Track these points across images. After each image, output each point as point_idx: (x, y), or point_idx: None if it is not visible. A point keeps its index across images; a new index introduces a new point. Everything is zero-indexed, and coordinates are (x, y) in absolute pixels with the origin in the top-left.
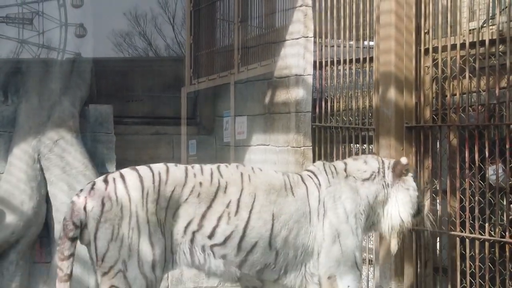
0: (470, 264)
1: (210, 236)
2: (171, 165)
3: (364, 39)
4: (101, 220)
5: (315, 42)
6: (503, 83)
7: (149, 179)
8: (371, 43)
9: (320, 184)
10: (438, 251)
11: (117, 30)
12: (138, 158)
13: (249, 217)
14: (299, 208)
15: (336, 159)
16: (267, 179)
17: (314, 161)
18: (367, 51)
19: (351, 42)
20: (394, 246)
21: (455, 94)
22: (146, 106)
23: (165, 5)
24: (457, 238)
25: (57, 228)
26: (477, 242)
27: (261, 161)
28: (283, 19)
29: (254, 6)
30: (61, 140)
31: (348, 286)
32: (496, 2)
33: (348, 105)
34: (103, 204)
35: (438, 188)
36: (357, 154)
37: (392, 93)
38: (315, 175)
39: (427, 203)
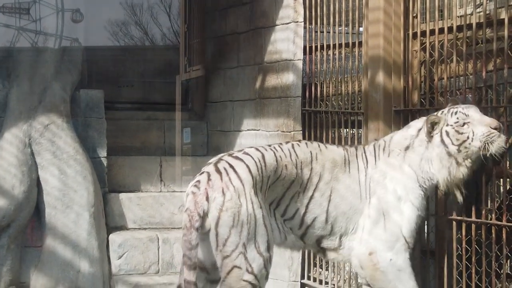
0: (457, 246)
1: (284, 213)
2: (262, 150)
3: (353, 24)
4: (223, 209)
5: (305, 27)
6: (490, 67)
7: (254, 167)
8: (361, 28)
9: (367, 165)
10: (426, 234)
11: (112, 18)
12: (129, 143)
13: (312, 195)
14: (351, 184)
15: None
16: (331, 156)
17: None
18: (356, 36)
19: (340, 28)
20: (459, 196)
21: (443, 78)
22: (137, 91)
23: None
24: (445, 221)
25: (48, 212)
26: (464, 225)
27: (252, 146)
28: (273, 4)
29: None
30: (52, 125)
31: (390, 260)
32: None
33: (337, 89)
34: (224, 194)
35: None
36: (346, 138)
37: (380, 77)
38: (365, 155)
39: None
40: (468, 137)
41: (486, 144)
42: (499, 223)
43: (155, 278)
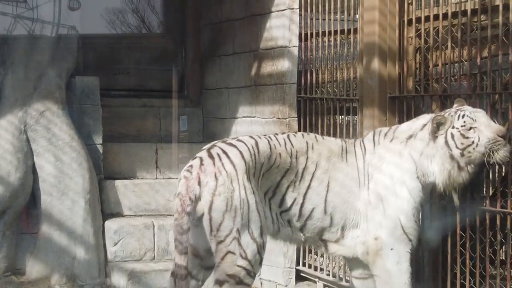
0: (451, 232)
1: (280, 204)
2: (257, 138)
3: (349, 11)
4: (215, 193)
5: (300, 14)
6: (485, 53)
7: (247, 153)
8: (356, 15)
9: (365, 152)
10: (420, 221)
11: (109, 5)
12: (125, 130)
13: (309, 184)
14: (349, 173)
15: (321, 131)
16: (327, 145)
17: None
18: (351, 23)
19: (336, 15)
20: (456, 200)
21: (438, 65)
22: (133, 78)
23: None
24: (439, 207)
25: (44, 199)
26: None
27: (247, 133)
28: None
29: None
30: (48, 112)
31: (392, 249)
32: None
33: (333, 76)
34: (216, 178)
35: None
36: (341, 125)
37: (375, 64)
38: (363, 143)
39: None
40: (473, 142)
41: (491, 152)
42: (493, 209)
43: (151, 265)
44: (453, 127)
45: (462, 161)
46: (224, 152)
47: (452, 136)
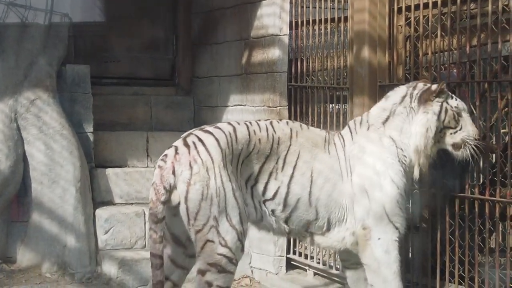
0: (441, 221)
1: (263, 192)
2: (235, 124)
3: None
4: (191, 182)
5: (291, 2)
6: (474, 42)
7: (224, 140)
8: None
9: (344, 143)
10: (410, 209)
11: None
12: (116, 118)
13: (292, 174)
14: (332, 166)
15: (312, 119)
16: (311, 136)
17: None
18: (341, 11)
19: (326, 3)
20: (416, 173)
21: (428, 53)
22: (124, 66)
23: None
24: (429, 195)
25: (35, 187)
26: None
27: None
28: None
29: None
30: (38, 100)
31: (379, 239)
32: None
33: (323, 64)
34: (191, 168)
35: None
36: (331, 113)
37: (365, 52)
38: (341, 134)
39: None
40: (456, 128)
41: (463, 146)
42: (482, 197)
43: (142, 253)
44: (447, 103)
45: (438, 138)
46: (200, 140)
47: (446, 110)
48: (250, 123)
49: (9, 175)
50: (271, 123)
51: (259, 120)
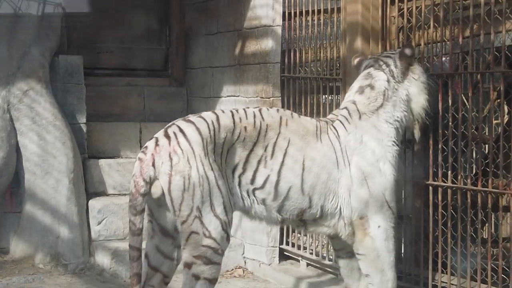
0: (433, 211)
1: (252, 181)
2: (219, 113)
3: None
4: (172, 173)
5: None
6: (467, 33)
7: (205, 129)
8: None
9: (338, 134)
10: (402, 199)
11: None
12: (109, 109)
13: (283, 161)
14: (326, 154)
15: (305, 110)
16: (302, 124)
17: None
18: (334, 2)
19: None
20: (417, 134)
21: (420, 44)
22: (117, 57)
23: None
24: (422, 186)
25: (28, 178)
26: (440, 190)
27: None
28: None
29: None
30: (31, 91)
31: (379, 226)
32: None
33: (316, 55)
34: (171, 159)
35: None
36: (324, 104)
37: (358, 43)
38: (333, 125)
39: None
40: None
41: (417, 121)
42: (474, 188)
43: None
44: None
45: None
46: (181, 130)
47: (423, 79)
48: (237, 110)
49: (2, 166)
50: (260, 110)
51: (247, 108)
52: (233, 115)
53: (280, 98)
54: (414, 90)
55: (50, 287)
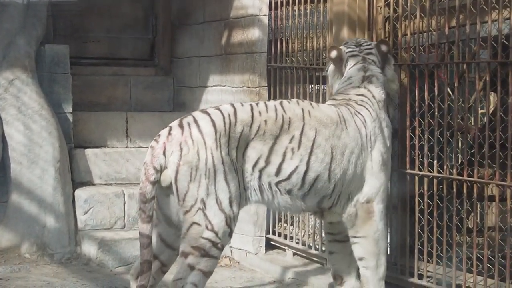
0: (419, 201)
1: (277, 173)
2: (237, 106)
3: None
4: (180, 163)
5: None
6: (453, 23)
7: (220, 122)
8: None
9: (365, 121)
10: (388, 189)
11: None
12: (95, 98)
13: (311, 151)
14: (353, 139)
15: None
16: (325, 112)
17: None
18: None
19: None
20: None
21: (406, 34)
22: (103, 46)
23: None
24: (407, 176)
25: (14, 167)
26: (426, 180)
27: (218, 101)
28: None
29: None
30: (17, 80)
31: (382, 211)
32: None
33: (303, 45)
34: (181, 149)
35: None
36: (311, 94)
37: (345, 33)
38: (357, 111)
39: None
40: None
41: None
42: (460, 178)
43: (121, 233)
44: None
45: None
46: (195, 121)
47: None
48: (257, 104)
49: None
50: (280, 102)
51: (268, 101)
52: (252, 109)
53: (266, 88)
54: (391, 78)
55: (36, 276)
